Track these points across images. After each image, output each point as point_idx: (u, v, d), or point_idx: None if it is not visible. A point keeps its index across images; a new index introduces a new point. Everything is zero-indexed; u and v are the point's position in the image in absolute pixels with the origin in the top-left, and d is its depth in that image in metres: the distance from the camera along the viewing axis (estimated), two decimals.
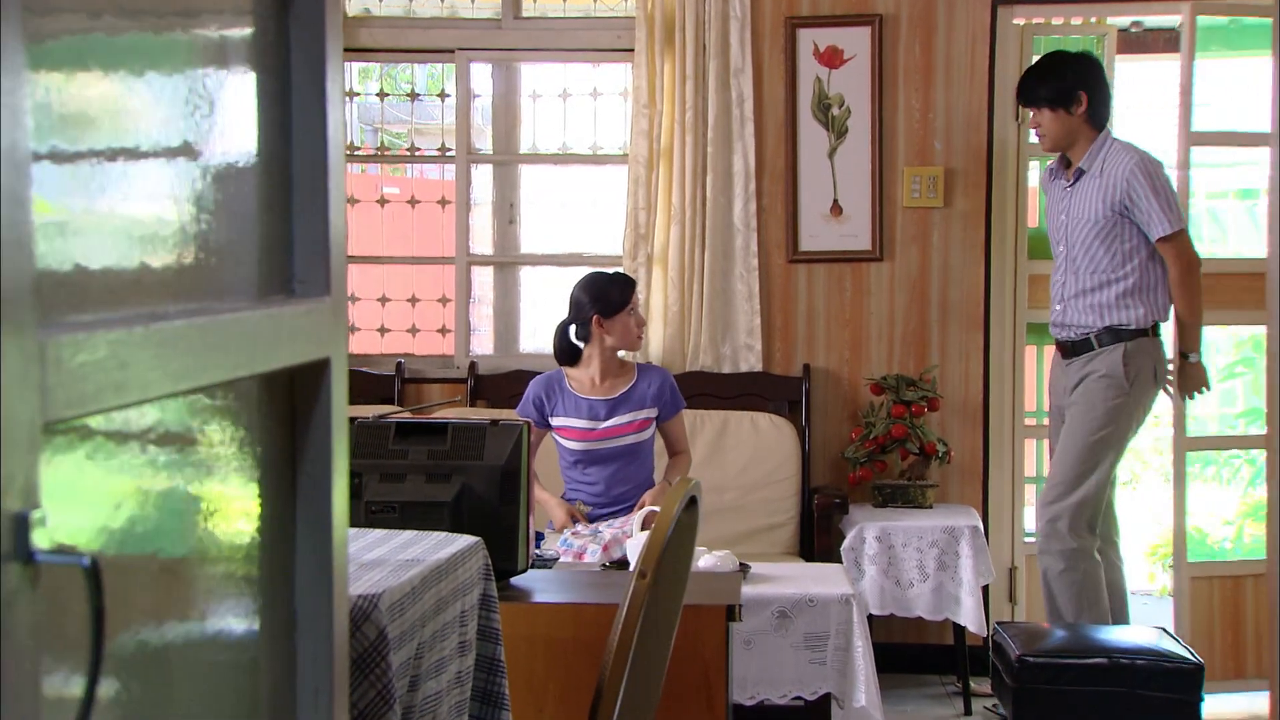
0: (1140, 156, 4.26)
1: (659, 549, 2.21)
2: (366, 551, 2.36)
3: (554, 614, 3.04)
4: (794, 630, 3.63)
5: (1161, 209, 4.21)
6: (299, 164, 1.25)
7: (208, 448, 1.12)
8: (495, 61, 5.33)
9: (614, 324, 4.22)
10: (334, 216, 1.28)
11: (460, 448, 3.12)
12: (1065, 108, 4.33)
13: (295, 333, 1.22)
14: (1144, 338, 4.30)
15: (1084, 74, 4.36)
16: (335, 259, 1.29)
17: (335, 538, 1.30)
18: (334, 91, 1.26)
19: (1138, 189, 4.22)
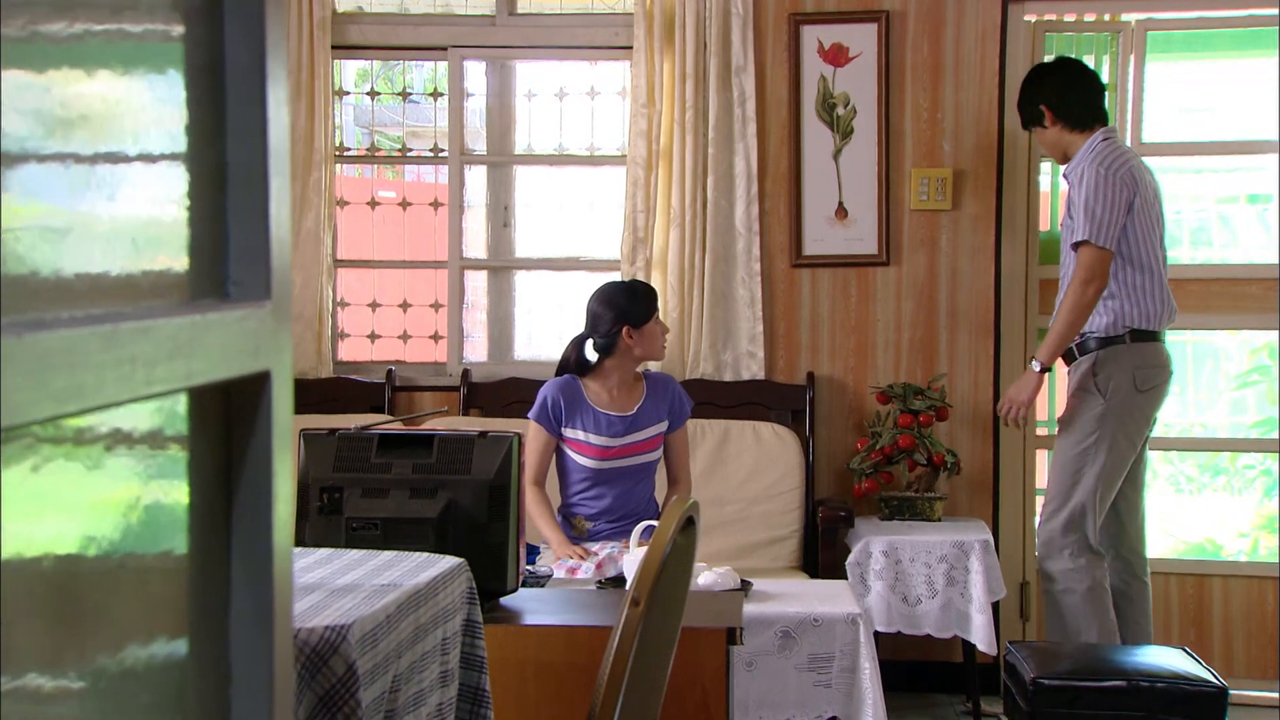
0: (1096, 162, 4.23)
1: (653, 574, 2.05)
2: (340, 575, 2.21)
3: (545, 637, 2.91)
4: (798, 651, 3.51)
5: (1084, 216, 4.17)
6: (234, 160, 1.11)
7: (113, 477, 0.96)
8: (489, 59, 5.22)
9: (643, 334, 4.08)
10: (275, 215, 1.13)
11: (446, 461, 2.98)
12: (1039, 124, 4.41)
13: (228, 342, 1.06)
14: (1118, 345, 4.25)
15: (1037, 88, 4.40)
16: (277, 261, 1.13)
17: (276, 573, 1.14)
18: (275, 87, 1.12)
19: (1075, 194, 4.23)
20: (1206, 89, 5.42)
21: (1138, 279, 4.24)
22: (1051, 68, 4.49)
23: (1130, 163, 4.27)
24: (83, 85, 0.95)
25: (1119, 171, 4.20)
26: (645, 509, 4.14)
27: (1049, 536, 4.26)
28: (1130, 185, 4.21)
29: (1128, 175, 4.22)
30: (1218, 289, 5.04)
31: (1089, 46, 5.04)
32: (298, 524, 2.96)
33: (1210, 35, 5.20)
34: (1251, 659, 4.79)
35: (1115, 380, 4.22)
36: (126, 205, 1.00)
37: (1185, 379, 5.43)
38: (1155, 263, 4.29)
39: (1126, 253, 4.23)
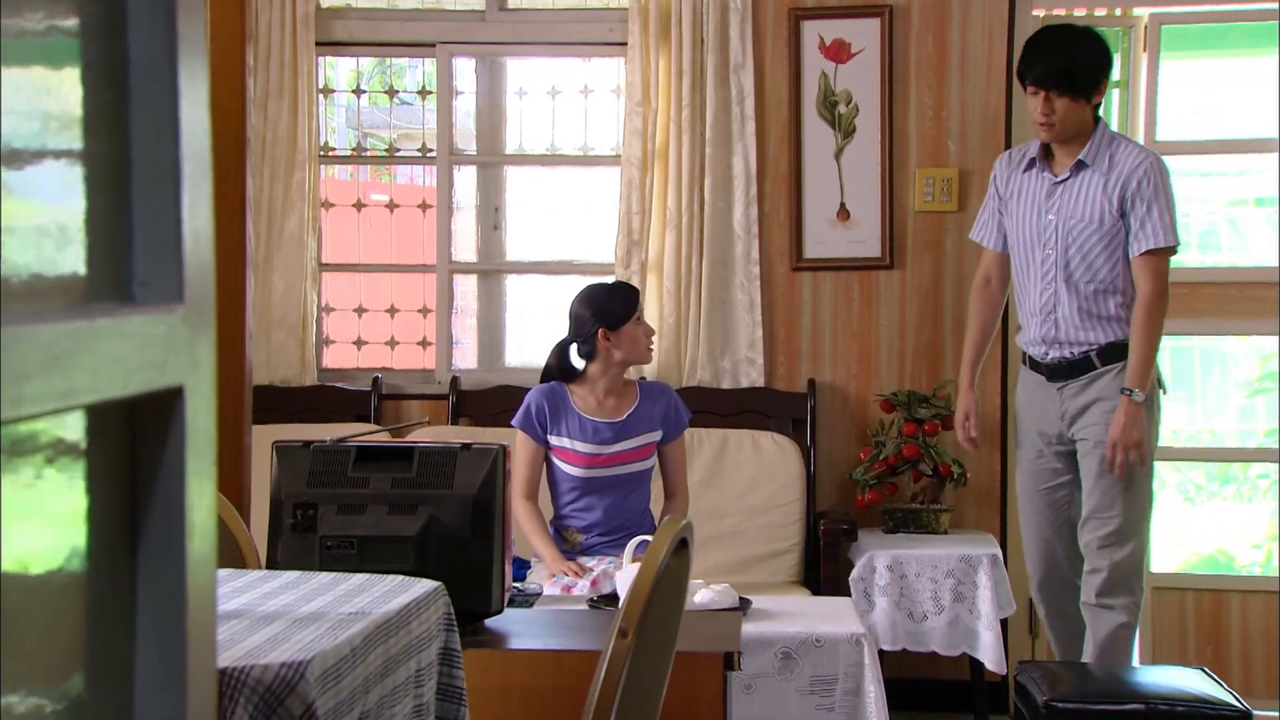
0: (1155, 156, 3.86)
1: (642, 602, 1.88)
2: (305, 602, 2.05)
3: (532, 661, 2.76)
4: (799, 673, 3.37)
5: (1163, 218, 3.76)
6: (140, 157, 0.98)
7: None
8: (479, 56, 5.12)
9: (621, 336, 3.92)
10: (190, 211, 0.98)
11: (427, 475, 2.83)
12: (1087, 97, 3.80)
13: (125, 353, 0.89)
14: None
15: (1108, 57, 3.89)
16: (192, 259, 0.98)
17: (191, 619, 0.97)
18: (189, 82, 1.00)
19: (1147, 190, 3.76)
20: (1219, 87, 5.29)
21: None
22: (1103, 36, 4.04)
23: None
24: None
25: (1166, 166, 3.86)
26: (640, 521, 4.00)
27: (1119, 567, 3.80)
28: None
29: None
30: (1232, 293, 4.95)
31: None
32: (270, 542, 2.80)
33: (1224, 30, 5.07)
34: (1271, 678, 4.65)
35: (1156, 391, 3.83)
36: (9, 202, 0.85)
37: (1193, 386, 5.32)
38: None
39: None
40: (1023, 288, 3.96)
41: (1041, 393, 3.92)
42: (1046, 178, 3.88)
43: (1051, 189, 3.86)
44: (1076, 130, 3.83)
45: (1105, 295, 3.82)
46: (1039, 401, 3.94)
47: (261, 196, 4.87)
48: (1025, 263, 3.93)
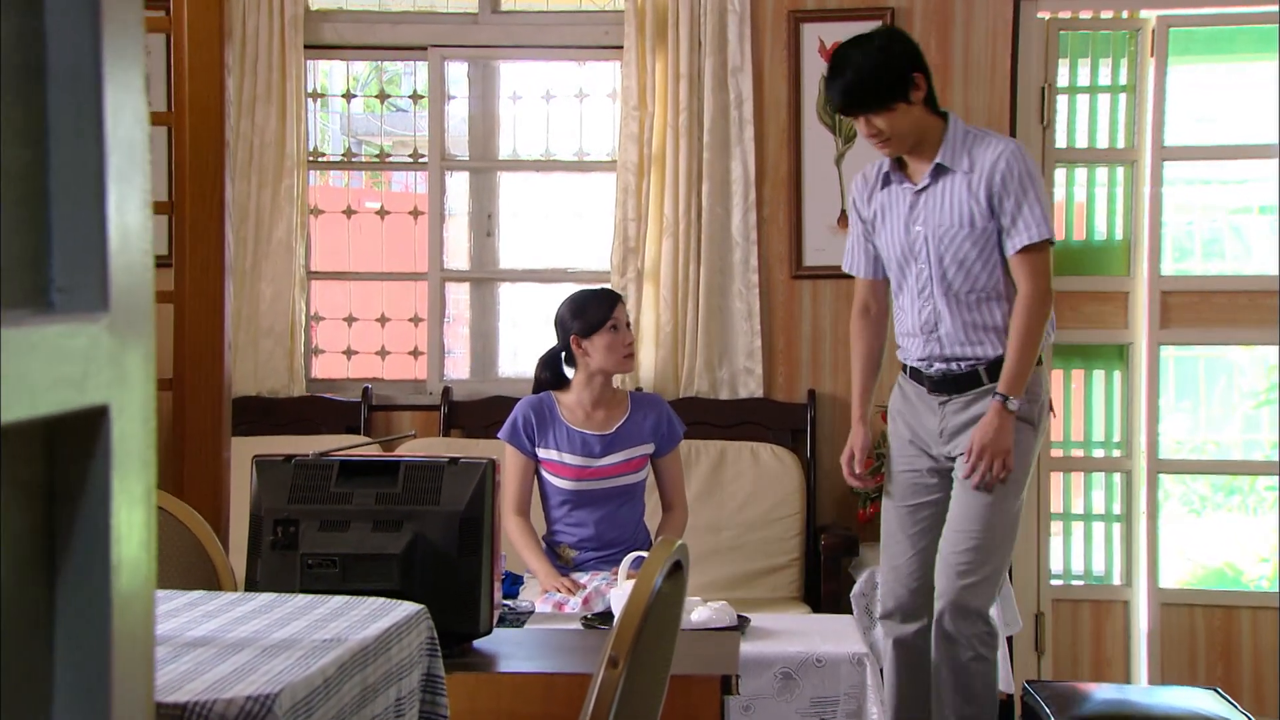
0: (1015, 144, 3.43)
1: (634, 630, 1.77)
2: (277, 628, 1.94)
3: (521, 685, 2.65)
4: (800, 694, 3.27)
5: (1034, 211, 3.32)
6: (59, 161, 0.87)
7: None
8: (472, 60, 5.04)
9: (594, 343, 3.81)
10: (117, 214, 0.88)
11: (413, 490, 2.72)
12: (904, 99, 3.38)
13: (33, 367, 0.78)
14: (1038, 365, 3.43)
15: (907, 50, 3.45)
16: (119, 264, 0.87)
17: (118, 665, 0.86)
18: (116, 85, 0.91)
19: (1013, 183, 3.34)
20: (1227, 93, 5.20)
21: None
22: (899, 31, 3.63)
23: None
24: None
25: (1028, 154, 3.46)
26: (634, 535, 3.90)
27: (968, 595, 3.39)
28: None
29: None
30: (1233, 300, 4.86)
31: (1105, 46, 4.83)
32: (249, 560, 2.69)
33: (1232, 34, 4.98)
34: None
35: (1043, 405, 3.43)
36: None
37: (1197, 396, 5.23)
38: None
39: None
40: (901, 308, 3.58)
41: (922, 405, 3.57)
42: (906, 189, 3.49)
43: (914, 199, 3.48)
44: (919, 135, 3.43)
45: (989, 303, 3.41)
46: (918, 413, 3.59)
47: (249, 203, 4.78)
48: (900, 281, 3.55)
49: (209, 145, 2.69)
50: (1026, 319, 3.32)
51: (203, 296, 2.73)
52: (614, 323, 3.81)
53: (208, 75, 2.65)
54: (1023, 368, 3.33)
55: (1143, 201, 4.78)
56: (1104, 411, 4.90)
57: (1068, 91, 4.84)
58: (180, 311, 2.77)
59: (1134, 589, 4.81)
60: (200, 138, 2.70)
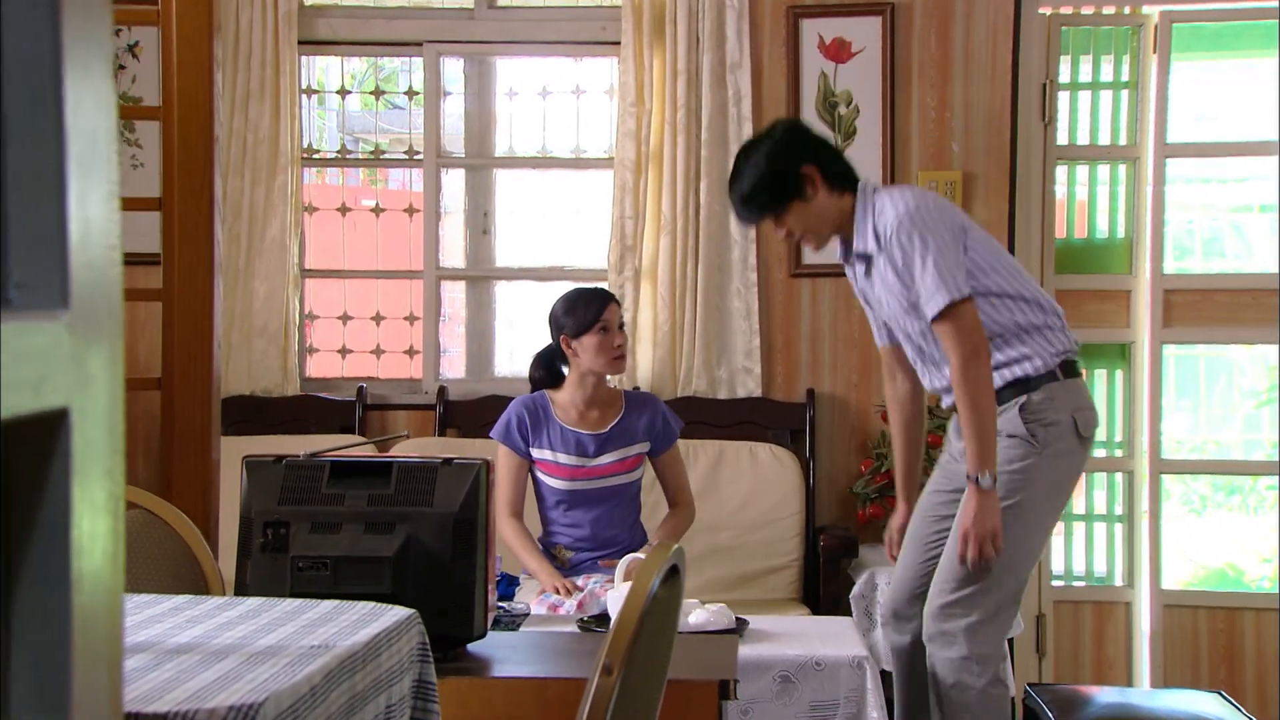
0: (902, 208, 3.18)
1: (629, 636, 1.73)
2: (264, 634, 1.89)
3: (515, 690, 2.61)
4: (798, 698, 3.23)
5: (935, 276, 3.11)
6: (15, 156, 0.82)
7: None
8: (468, 55, 4.99)
9: (582, 344, 3.76)
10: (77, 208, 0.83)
11: (406, 492, 2.67)
12: (798, 197, 3.24)
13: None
14: (1052, 383, 3.20)
15: (795, 148, 3.27)
16: (84, 260, 0.83)
17: (78, 685, 0.82)
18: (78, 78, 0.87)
19: (910, 252, 3.15)
20: (1230, 89, 5.16)
21: (1027, 311, 3.23)
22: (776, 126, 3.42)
23: (926, 191, 3.34)
24: None
25: (926, 202, 3.19)
26: (631, 535, 3.86)
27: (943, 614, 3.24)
28: (946, 208, 3.23)
29: (937, 201, 3.24)
30: (1233, 299, 4.85)
31: (1107, 42, 4.80)
32: (239, 563, 2.65)
33: (1236, 30, 4.94)
34: None
35: (1056, 425, 3.18)
36: None
37: (1198, 395, 5.20)
38: (1033, 288, 3.28)
39: (998, 287, 3.22)
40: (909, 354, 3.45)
41: (952, 425, 3.46)
42: (859, 269, 3.38)
43: (866, 282, 3.38)
44: (834, 222, 3.29)
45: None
46: (949, 433, 3.52)
47: (242, 200, 4.73)
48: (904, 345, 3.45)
49: (198, 141, 2.65)
50: (962, 389, 3.10)
51: (192, 295, 2.69)
52: (604, 324, 3.75)
53: (197, 70, 2.60)
54: (980, 441, 3.09)
55: (1145, 199, 4.75)
56: (1106, 411, 4.87)
57: (1069, 88, 4.81)
58: (169, 310, 2.73)
59: (1136, 590, 4.77)
60: (189, 133, 2.65)
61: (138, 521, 2.39)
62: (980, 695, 3.22)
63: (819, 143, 3.31)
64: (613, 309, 3.78)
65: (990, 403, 3.10)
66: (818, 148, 3.29)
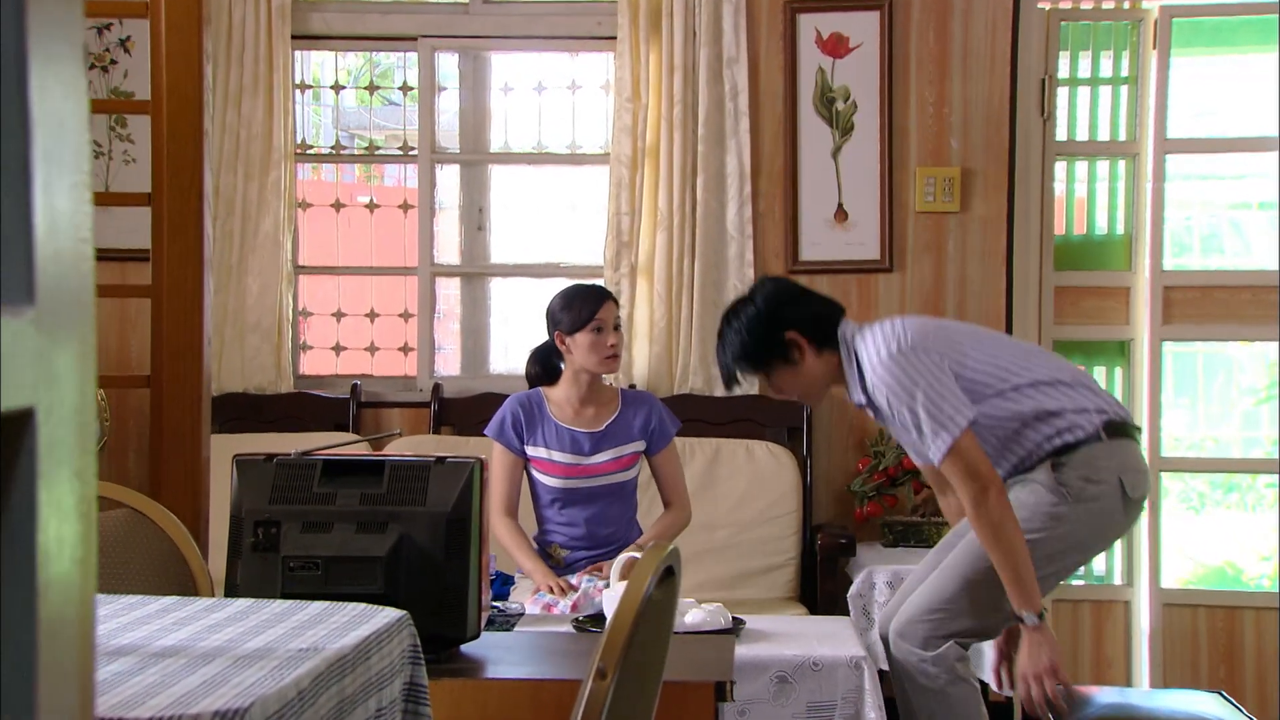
0: (878, 361, 3.09)
1: (623, 639, 1.69)
2: (252, 636, 1.85)
3: (509, 692, 2.57)
4: (795, 698, 3.20)
5: (928, 422, 3.01)
6: None
7: None
8: (462, 50, 4.96)
9: (576, 341, 3.72)
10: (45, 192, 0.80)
11: (398, 491, 2.64)
12: (783, 360, 3.21)
13: None
14: (1095, 444, 3.08)
15: (769, 316, 3.21)
16: (51, 253, 0.79)
17: (44, 705, 0.78)
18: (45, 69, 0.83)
19: (895, 404, 3.07)
20: (1230, 85, 5.12)
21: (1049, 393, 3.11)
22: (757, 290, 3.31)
23: (900, 320, 3.18)
24: None
25: (903, 343, 3.07)
26: (626, 534, 3.83)
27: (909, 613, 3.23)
28: (926, 336, 3.10)
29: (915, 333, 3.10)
30: (1232, 296, 4.85)
31: (1107, 38, 4.76)
32: (229, 563, 2.61)
33: (1235, 26, 4.91)
34: None
35: (1097, 483, 3.07)
36: None
37: (1196, 392, 5.18)
38: (1048, 367, 3.18)
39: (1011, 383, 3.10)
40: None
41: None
42: (870, 410, 3.29)
43: (879, 419, 3.32)
44: (823, 383, 3.26)
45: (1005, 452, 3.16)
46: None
47: (235, 196, 4.70)
48: None
49: (188, 135, 2.61)
50: (983, 531, 3.00)
51: (181, 291, 2.65)
52: (598, 323, 3.71)
53: (186, 63, 2.56)
54: (1017, 579, 2.98)
55: (1144, 195, 4.73)
56: None
57: (1069, 83, 4.78)
58: (158, 306, 2.69)
59: (1135, 589, 4.75)
60: (179, 127, 2.61)
61: (125, 521, 2.36)
62: (941, 695, 3.20)
63: (803, 303, 3.24)
64: (609, 307, 3.74)
65: (1015, 534, 2.99)
66: (801, 311, 3.22)
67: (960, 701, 3.22)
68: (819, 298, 3.31)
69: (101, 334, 4.75)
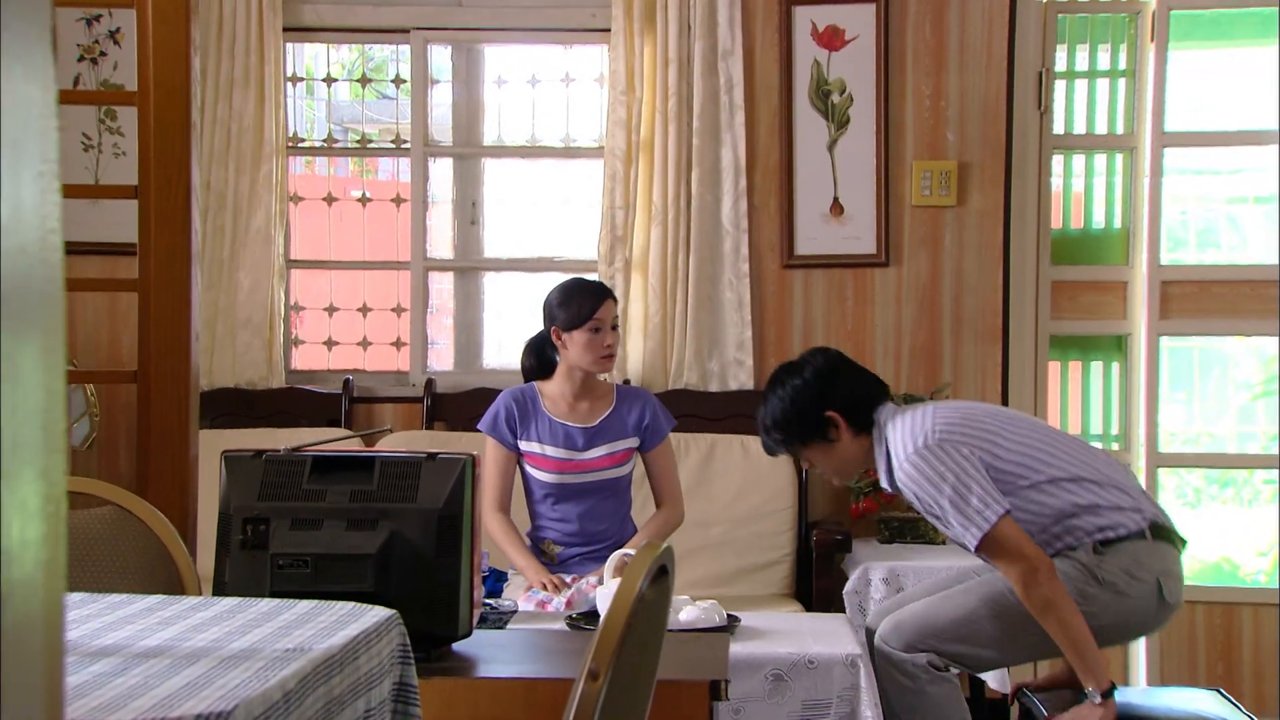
0: (904, 457, 3.08)
1: (615, 640, 1.66)
2: (238, 637, 1.82)
3: (501, 691, 2.54)
4: (791, 697, 3.16)
5: (957, 519, 3.00)
6: None
7: None
8: (455, 43, 4.92)
9: (573, 338, 3.68)
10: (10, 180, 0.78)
11: (389, 487, 2.60)
12: (821, 439, 3.22)
13: None
14: (1140, 541, 3.07)
15: (816, 392, 3.20)
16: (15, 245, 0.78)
17: (7, 713, 0.75)
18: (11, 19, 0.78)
19: (924, 498, 3.07)
20: (1228, 78, 5.10)
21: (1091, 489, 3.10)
22: (803, 364, 3.27)
23: (931, 409, 3.16)
24: None
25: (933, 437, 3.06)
26: (620, 531, 3.80)
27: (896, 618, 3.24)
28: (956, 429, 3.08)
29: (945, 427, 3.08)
30: (1229, 290, 4.84)
31: (1104, 30, 4.74)
32: (217, 560, 2.58)
33: (1234, 19, 4.88)
34: None
35: (1137, 579, 3.07)
36: None
37: (1192, 387, 5.16)
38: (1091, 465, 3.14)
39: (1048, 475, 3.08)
40: None
41: None
42: None
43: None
44: (856, 465, 3.27)
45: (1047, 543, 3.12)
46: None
47: (226, 190, 4.66)
48: None
49: (175, 127, 2.57)
50: (1035, 610, 2.97)
51: (169, 285, 2.61)
52: (596, 323, 3.67)
53: (173, 54, 2.52)
54: (1078, 654, 2.98)
55: (1142, 190, 4.70)
56: (1102, 403, 4.82)
57: (1066, 76, 4.76)
58: (145, 301, 2.65)
59: None
60: (166, 119, 2.57)
61: (110, 519, 2.32)
62: (919, 694, 3.20)
63: (849, 381, 3.23)
64: (608, 306, 3.70)
65: (1070, 612, 2.97)
66: (844, 390, 3.21)
67: (941, 700, 3.21)
68: (866, 377, 3.28)
69: (92, 329, 4.71)
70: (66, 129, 4.67)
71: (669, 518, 3.81)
